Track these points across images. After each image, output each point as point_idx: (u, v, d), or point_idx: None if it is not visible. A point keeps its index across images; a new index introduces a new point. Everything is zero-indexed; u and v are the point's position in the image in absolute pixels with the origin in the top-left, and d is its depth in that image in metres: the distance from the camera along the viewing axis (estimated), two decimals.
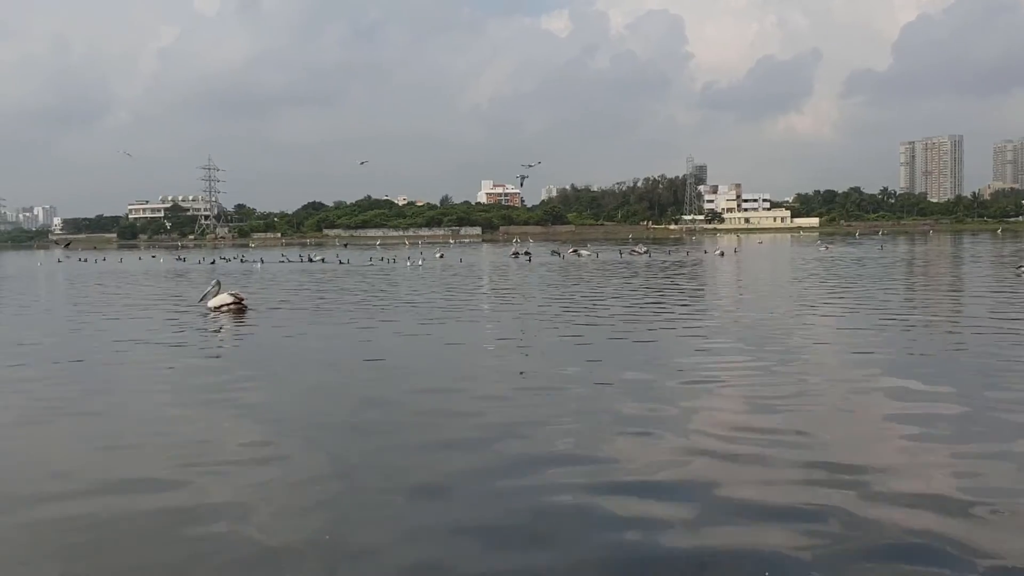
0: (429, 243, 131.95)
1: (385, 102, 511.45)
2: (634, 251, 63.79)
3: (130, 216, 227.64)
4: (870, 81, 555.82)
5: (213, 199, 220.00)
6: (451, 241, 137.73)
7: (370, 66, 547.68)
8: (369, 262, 54.55)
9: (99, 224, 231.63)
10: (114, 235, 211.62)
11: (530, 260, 55.25)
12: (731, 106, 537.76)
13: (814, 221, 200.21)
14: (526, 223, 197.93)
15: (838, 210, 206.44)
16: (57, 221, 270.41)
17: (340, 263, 55.09)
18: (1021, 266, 32.74)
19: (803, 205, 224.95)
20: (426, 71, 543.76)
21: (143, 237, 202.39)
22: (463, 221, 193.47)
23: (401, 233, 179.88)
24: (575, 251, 63.96)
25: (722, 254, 58.87)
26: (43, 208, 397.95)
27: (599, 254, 63.09)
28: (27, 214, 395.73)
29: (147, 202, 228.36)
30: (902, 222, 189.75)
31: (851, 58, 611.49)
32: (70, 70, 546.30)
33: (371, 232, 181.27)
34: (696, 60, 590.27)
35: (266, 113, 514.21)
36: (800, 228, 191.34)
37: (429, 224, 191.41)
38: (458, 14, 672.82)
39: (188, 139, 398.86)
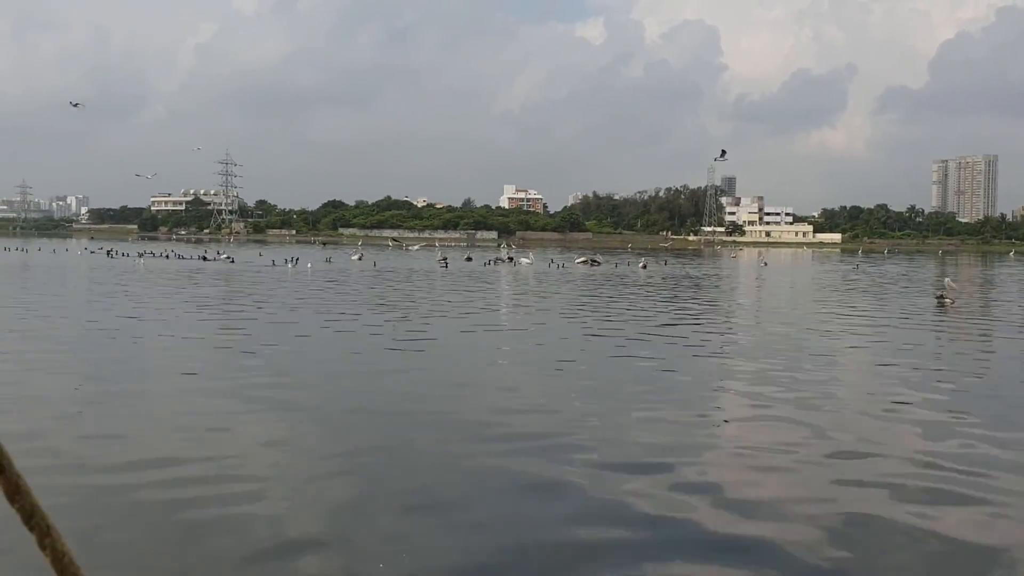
0: (445, 246, 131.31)
1: (417, 105, 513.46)
2: (593, 260, 65.76)
3: (152, 208, 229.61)
4: (905, 98, 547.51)
5: (234, 194, 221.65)
6: (446, 244, 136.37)
7: (403, 68, 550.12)
8: (272, 264, 57.09)
9: (123, 215, 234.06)
10: (135, 226, 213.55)
11: (447, 266, 57.70)
12: (764, 119, 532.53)
13: (836, 237, 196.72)
14: (543, 229, 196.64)
15: (861, 227, 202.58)
16: (84, 211, 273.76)
17: (231, 262, 59.49)
18: (940, 295, 31.04)
19: (828, 220, 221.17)
20: (459, 75, 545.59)
21: (163, 229, 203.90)
22: (480, 225, 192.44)
23: (416, 235, 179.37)
24: (510, 259, 66.94)
25: (644, 267, 60.78)
26: (76, 197, 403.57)
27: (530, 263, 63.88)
28: (60, 203, 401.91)
29: (169, 195, 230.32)
30: (927, 241, 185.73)
31: (886, 74, 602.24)
32: (109, 63, 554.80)
33: (386, 232, 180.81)
34: (730, 72, 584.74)
35: (299, 112, 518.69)
36: (822, 243, 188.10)
37: (446, 227, 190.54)
38: (491, 19, 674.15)
39: (221, 135, 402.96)
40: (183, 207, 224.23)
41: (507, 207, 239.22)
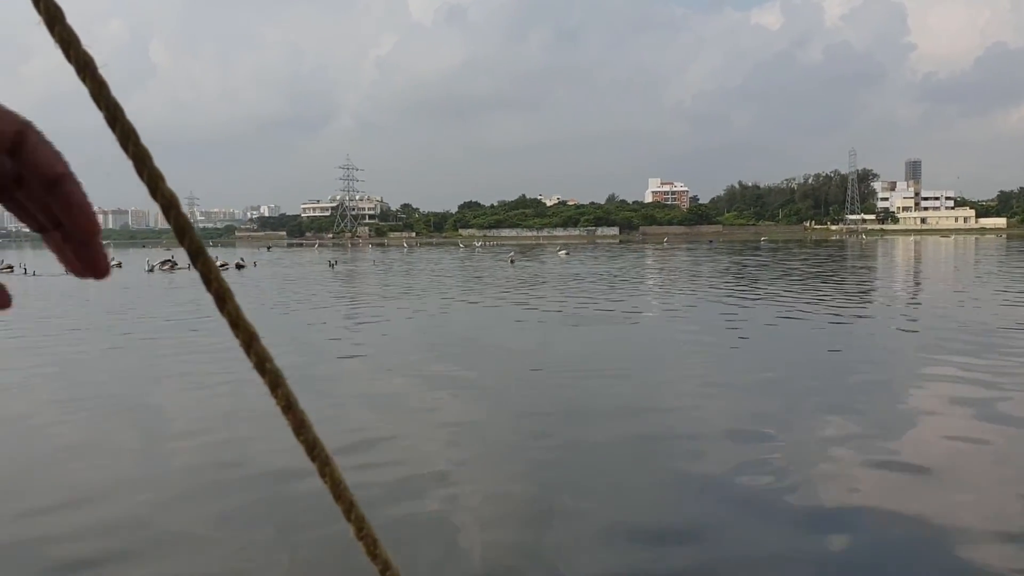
0: (558, 243, 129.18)
1: (587, 103, 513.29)
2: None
3: (303, 215, 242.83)
4: None
5: (374, 200, 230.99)
6: (530, 245, 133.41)
7: (573, 68, 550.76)
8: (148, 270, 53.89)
9: (280, 222, 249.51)
10: (284, 233, 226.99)
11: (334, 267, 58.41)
12: (956, 98, 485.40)
13: (1001, 222, 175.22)
14: (669, 223, 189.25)
15: None
16: (252, 219, 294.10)
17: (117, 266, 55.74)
18: None
19: (1002, 204, 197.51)
20: (629, 70, 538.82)
21: (308, 234, 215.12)
22: (601, 221, 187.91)
23: (535, 233, 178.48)
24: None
25: (512, 262, 59.91)
26: (268, 207, 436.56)
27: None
28: (253, 211, 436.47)
29: (318, 201, 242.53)
30: None
31: None
32: (302, 80, 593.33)
33: (504, 232, 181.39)
34: (918, 51, 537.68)
35: (475, 117, 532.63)
36: (983, 229, 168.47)
37: (565, 224, 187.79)
38: (662, 11, 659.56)
39: (402, 143, 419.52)
40: (328, 212, 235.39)
41: (650, 201, 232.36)
